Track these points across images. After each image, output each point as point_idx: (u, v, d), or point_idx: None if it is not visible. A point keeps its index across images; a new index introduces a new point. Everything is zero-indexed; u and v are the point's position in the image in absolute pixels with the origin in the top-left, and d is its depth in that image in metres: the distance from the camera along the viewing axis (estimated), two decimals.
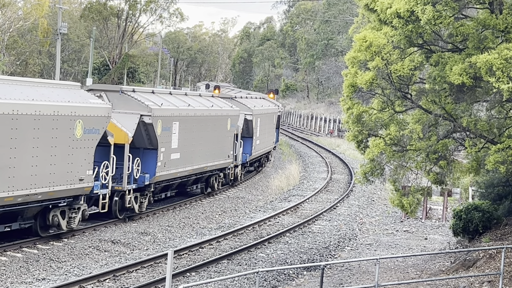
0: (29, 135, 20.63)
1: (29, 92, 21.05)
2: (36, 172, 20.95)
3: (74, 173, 22.66)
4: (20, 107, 20.19)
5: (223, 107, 36.16)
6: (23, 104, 20.33)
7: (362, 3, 18.08)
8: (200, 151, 32.33)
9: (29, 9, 79.15)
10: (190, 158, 31.26)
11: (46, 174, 21.36)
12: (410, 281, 17.97)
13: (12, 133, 19.96)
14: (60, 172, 22.01)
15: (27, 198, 20.75)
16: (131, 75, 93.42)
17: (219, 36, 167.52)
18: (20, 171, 20.37)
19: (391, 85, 17.29)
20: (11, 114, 19.88)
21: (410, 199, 18.64)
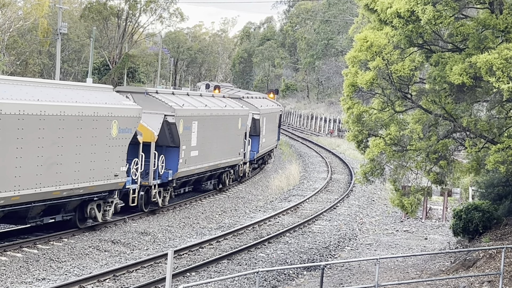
0: (73, 135, 22.55)
1: (72, 95, 23.05)
2: (79, 168, 22.89)
3: (110, 169, 24.56)
4: (66, 109, 22.13)
5: (235, 107, 38.44)
6: (68, 106, 22.26)
7: (362, 3, 18.08)
8: (215, 148, 34.39)
9: (29, 9, 79.14)
10: (207, 155, 33.28)
11: (87, 170, 23.28)
12: (410, 281, 17.97)
13: (59, 132, 21.86)
14: (99, 168, 23.90)
15: (70, 192, 22.69)
16: (131, 75, 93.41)
17: (219, 36, 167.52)
18: (66, 168, 22.24)
19: (391, 85, 17.30)
20: (59, 116, 21.80)
21: (410, 199, 18.64)
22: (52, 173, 21.60)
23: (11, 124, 19.87)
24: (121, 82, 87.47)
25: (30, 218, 22.21)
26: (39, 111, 20.90)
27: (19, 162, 20.30)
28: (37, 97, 21.17)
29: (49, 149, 21.41)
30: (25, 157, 20.54)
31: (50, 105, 21.38)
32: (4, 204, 20.10)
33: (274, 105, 53.86)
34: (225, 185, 37.71)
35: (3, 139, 19.66)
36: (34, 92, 21.38)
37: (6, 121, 19.65)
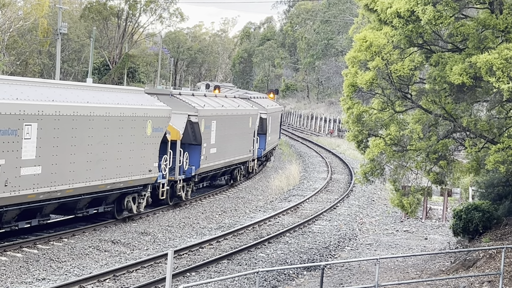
0: (116, 134, 24.99)
1: (114, 98, 25.58)
2: (120, 164, 25.29)
3: (145, 165, 27.02)
4: (110, 110, 24.62)
5: (246, 107, 41.40)
6: (112, 108, 24.75)
7: (362, 3, 18.07)
8: (230, 146, 37.13)
9: (29, 9, 79.11)
10: (223, 152, 36.00)
11: (126, 166, 25.70)
12: (410, 281, 17.97)
13: (104, 132, 24.33)
14: (136, 164, 26.37)
15: (113, 185, 25.11)
16: (131, 75, 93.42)
17: (219, 36, 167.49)
18: (110, 163, 24.69)
19: (391, 85, 17.29)
20: (104, 116, 24.26)
21: (410, 199, 18.64)
22: (99, 168, 24.09)
23: (67, 124, 22.36)
24: (121, 82, 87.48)
25: (78, 209, 24.60)
26: (88, 112, 23.34)
27: (73, 158, 22.76)
28: (86, 99, 23.61)
29: (97, 147, 23.91)
30: (78, 154, 22.98)
31: (97, 107, 23.85)
32: (60, 196, 22.51)
33: (276, 105, 56.86)
34: (236, 181, 40.15)
35: (61, 138, 22.14)
36: (84, 95, 23.80)
37: (63, 122, 22.15)
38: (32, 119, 20.77)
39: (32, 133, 20.83)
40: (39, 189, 21.32)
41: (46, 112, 21.34)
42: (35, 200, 21.56)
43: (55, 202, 22.76)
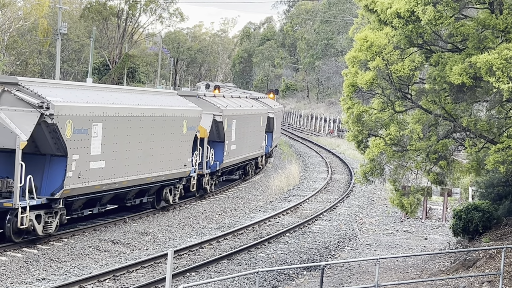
0: (160, 132, 28.18)
1: (157, 100, 28.90)
2: (162, 159, 28.43)
3: (182, 160, 30.24)
4: (156, 111, 27.77)
5: (258, 106, 45.23)
6: (157, 109, 27.94)
7: (362, 4, 18.08)
8: (246, 143, 40.42)
9: (29, 9, 79.14)
10: (241, 149, 39.32)
11: (167, 161, 28.81)
12: (410, 281, 17.98)
13: (151, 130, 27.47)
14: (175, 159, 29.49)
15: (156, 178, 28.17)
16: (131, 75, 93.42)
17: (219, 36, 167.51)
18: (155, 158, 27.80)
19: (391, 85, 17.29)
20: (152, 116, 27.38)
21: (410, 199, 18.63)
22: (147, 163, 27.13)
23: (124, 124, 25.36)
24: (121, 82, 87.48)
25: (127, 199, 27.74)
26: (140, 113, 26.49)
27: (128, 154, 25.85)
28: (137, 102, 26.83)
29: (145, 144, 27.00)
30: (131, 150, 26.10)
31: (146, 108, 27.04)
32: (117, 187, 25.52)
33: (279, 105, 61.05)
34: (247, 175, 43.16)
35: (119, 136, 25.19)
36: (134, 98, 27.12)
37: (121, 122, 25.11)
38: (99, 120, 23.73)
39: (98, 132, 23.85)
40: (103, 181, 24.38)
41: (108, 114, 24.33)
42: (99, 191, 24.55)
43: (112, 192, 25.71)
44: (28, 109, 21.54)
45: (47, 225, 22.45)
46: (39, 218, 22.06)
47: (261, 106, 46.55)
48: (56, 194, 22.25)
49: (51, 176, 22.51)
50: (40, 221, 22.13)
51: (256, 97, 51.72)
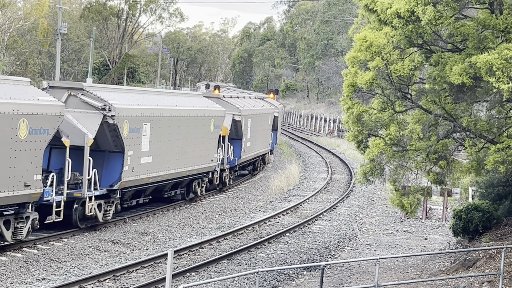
0: (192, 130, 31.24)
1: (189, 101, 32.25)
2: (194, 155, 31.44)
3: (209, 156, 33.32)
4: (190, 112, 31.07)
5: (266, 106, 48.83)
6: (191, 109, 31.21)
7: (361, 4, 18.07)
8: (257, 141, 43.57)
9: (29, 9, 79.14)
10: (254, 146, 42.64)
11: (198, 156, 31.80)
12: (410, 281, 17.98)
13: (186, 129, 30.56)
14: (204, 155, 32.56)
15: (189, 172, 31.24)
16: (131, 75, 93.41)
17: (219, 36, 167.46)
18: (188, 154, 30.86)
19: (391, 85, 17.29)
20: (187, 116, 30.60)
21: (410, 199, 18.63)
22: (182, 158, 30.12)
23: (166, 123, 28.63)
24: (121, 82, 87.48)
25: (164, 191, 30.68)
26: (178, 113, 29.63)
27: (168, 150, 28.99)
28: (175, 103, 30.16)
29: (181, 141, 30.11)
30: (171, 147, 29.18)
31: (183, 109, 30.37)
32: (160, 180, 28.66)
33: (280, 105, 65.21)
34: (256, 170, 46.21)
35: (162, 134, 28.22)
36: (172, 100, 30.46)
37: (164, 122, 28.36)
38: (147, 120, 27.00)
39: (147, 131, 27.05)
40: (150, 174, 27.64)
41: (155, 114, 27.65)
42: (146, 183, 27.72)
43: (155, 184, 28.79)
44: (92, 111, 24.57)
45: (106, 213, 25.57)
46: (99, 207, 25.11)
47: (269, 106, 50.17)
48: (114, 185, 25.56)
49: (110, 170, 25.68)
50: (101, 209, 25.21)
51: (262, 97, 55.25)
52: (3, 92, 20.10)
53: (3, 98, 19.86)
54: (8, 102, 19.96)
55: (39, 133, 21.13)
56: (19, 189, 20.52)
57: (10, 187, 20.19)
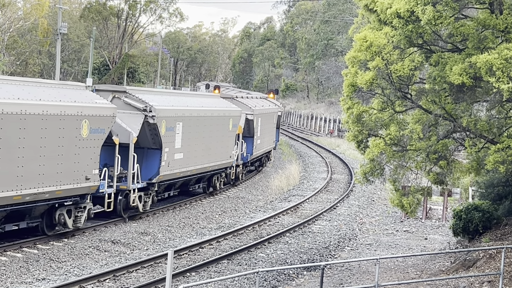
0: (214, 129, 33.74)
1: (211, 101, 35.04)
2: (216, 151, 34.13)
3: (228, 152, 35.96)
4: (213, 112, 33.74)
5: (272, 106, 51.58)
6: (214, 109, 33.98)
7: (361, 4, 18.07)
8: (265, 138, 46.39)
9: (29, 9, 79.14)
10: (262, 143, 45.43)
11: (219, 153, 34.44)
12: (410, 281, 17.97)
13: (210, 128, 32.99)
14: (223, 152, 35.21)
15: (211, 167, 34.15)
16: (131, 75, 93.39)
17: (219, 36, 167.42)
18: (211, 151, 33.40)
19: (391, 85, 17.29)
20: (210, 116, 33.15)
21: (410, 199, 18.63)
22: (206, 155, 32.75)
23: (195, 122, 31.44)
24: (121, 82, 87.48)
25: (190, 185, 33.32)
26: (203, 113, 32.50)
27: (197, 147, 31.86)
28: (201, 104, 32.99)
29: (206, 139, 32.65)
30: (199, 144, 31.99)
31: (207, 109, 33.10)
32: (188, 174, 31.38)
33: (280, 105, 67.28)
34: (262, 166, 48.78)
35: (192, 132, 31.00)
36: (196, 101, 33.35)
37: (193, 121, 31.30)
38: (180, 119, 29.62)
39: (180, 129, 29.64)
40: (181, 169, 30.26)
41: (185, 114, 30.31)
42: (178, 177, 30.43)
43: (184, 179, 31.37)
44: (134, 112, 27.21)
45: (145, 204, 28.19)
46: (140, 198, 27.70)
47: (274, 106, 53.26)
48: (153, 179, 28.22)
49: (149, 165, 28.26)
50: (141, 201, 27.83)
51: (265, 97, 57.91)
52: (69, 96, 22.76)
53: (70, 102, 22.52)
54: (74, 105, 22.64)
55: (97, 132, 23.87)
56: (81, 182, 23.20)
57: (74, 180, 22.86)
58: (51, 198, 22.13)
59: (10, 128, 19.97)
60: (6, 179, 19.97)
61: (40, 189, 21.21)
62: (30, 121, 20.71)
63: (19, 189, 20.45)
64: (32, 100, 20.96)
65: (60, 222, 23.14)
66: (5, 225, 21.42)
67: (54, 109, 21.69)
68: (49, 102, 21.65)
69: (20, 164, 20.44)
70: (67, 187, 22.45)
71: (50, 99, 21.82)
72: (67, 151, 22.37)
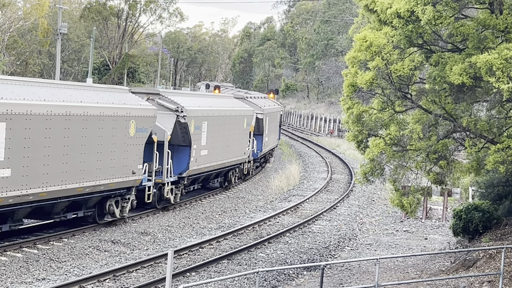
0: (232, 127, 36.76)
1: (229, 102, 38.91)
2: (233, 148, 37.21)
3: (243, 149, 39.37)
4: (232, 112, 37.11)
5: (276, 106, 55.30)
6: (233, 109, 37.60)
7: (362, 4, 18.07)
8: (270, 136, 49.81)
9: (29, 9, 79.11)
10: (269, 141, 49.11)
11: (236, 150, 37.85)
12: (410, 281, 17.98)
13: (229, 126, 36.30)
14: (239, 148, 38.56)
15: (230, 163, 37.01)
16: (131, 75, 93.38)
17: (219, 36, 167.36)
18: (230, 148, 36.52)
19: (391, 85, 17.29)
20: (229, 116, 36.38)
21: (410, 199, 18.62)
22: (225, 151, 35.91)
23: (217, 122, 34.47)
24: (121, 82, 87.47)
25: (210, 180, 36.55)
26: (223, 113, 35.53)
27: (218, 144, 34.61)
28: (221, 105, 36.52)
29: (226, 137, 35.85)
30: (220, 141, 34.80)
31: (228, 109, 36.57)
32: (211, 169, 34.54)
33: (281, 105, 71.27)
34: (268, 162, 51.59)
35: (215, 131, 33.83)
36: (215, 102, 36.34)
37: (216, 121, 34.21)
38: (205, 119, 32.60)
39: (205, 128, 32.53)
40: (206, 164, 33.18)
41: (210, 114, 33.29)
42: (202, 172, 33.24)
43: (207, 173, 34.27)
44: (167, 112, 29.80)
45: (175, 196, 30.88)
46: (171, 191, 30.29)
47: (278, 105, 56.71)
48: (183, 173, 31.02)
49: (179, 160, 30.93)
50: (172, 193, 30.45)
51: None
52: (118, 99, 25.64)
53: (120, 104, 25.39)
54: (124, 107, 25.51)
55: (142, 131, 26.65)
56: (129, 175, 25.92)
57: (123, 174, 25.56)
58: (105, 190, 24.79)
59: (75, 128, 22.60)
60: (72, 174, 22.60)
61: (97, 181, 23.93)
62: (91, 121, 23.42)
63: (81, 181, 23.11)
64: (91, 103, 23.56)
65: (110, 212, 25.77)
66: (66, 214, 23.95)
67: (108, 111, 24.42)
68: (105, 105, 24.36)
69: (82, 160, 23.11)
70: (118, 180, 25.19)
71: (105, 102, 24.55)
72: (118, 148, 25.12)
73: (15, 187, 20.12)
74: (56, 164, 21.74)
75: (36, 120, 20.70)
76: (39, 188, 21.05)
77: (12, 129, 19.81)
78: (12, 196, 20.06)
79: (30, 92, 21.16)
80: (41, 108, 20.94)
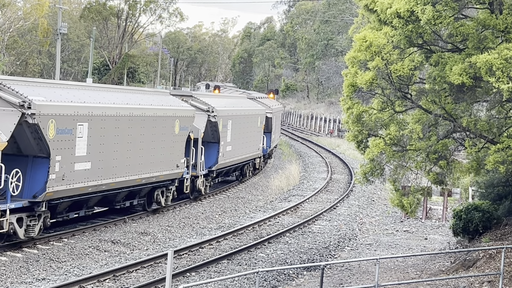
0: (249, 125, 40.48)
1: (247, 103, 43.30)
2: (251, 144, 41.09)
3: (256, 146, 42.92)
4: (249, 111, 41.12)
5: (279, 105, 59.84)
6: (250, 109, 41.67)
7: (361, 4, 18.07)
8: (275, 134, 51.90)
9: (29, 9, 79.12)
10: (275, 138, 52.13)
11: (252, 146, 41.50)
12: (410, 281, 17.97)
13: (247, 124, 39.79)
14: (254, 145, 42.08)
15: (248, 157, 41.02)
16: (131, 75, 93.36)
17: (219, 36, 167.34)
18: (248, 145, 40.32)
19: (391, 85, 17.29)
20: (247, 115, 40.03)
21: (410, 199, 18.62)
22: (244, 148, 39.17)
23: (239, 120, 37.78)
24: (121, 82, 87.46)
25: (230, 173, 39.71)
26: (244, 113, 39.32)
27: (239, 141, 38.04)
28: (240, 105, 40.47)
29: (245, 134, 39.13)
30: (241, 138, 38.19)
31: (247, 109, 40.76)
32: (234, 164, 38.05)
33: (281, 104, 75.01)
34: (270, 158, 53.34)
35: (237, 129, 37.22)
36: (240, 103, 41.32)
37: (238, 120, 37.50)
38: (231, 118, 36.14)
39: (230, 126, 36.05)
40: (231, 159, 36.77)
41: (234, 114, 36.84)
42: (228, 166, 36.68)
43: (230, 167, 37.67)
44: (199, 112, 32.58)
45: (206, 188, 33.95)
46: (202, 183, 33.18)
47: (280, 105, 61.91)
48: (212, 167, 34.33)
49: (209, 156, 34.01)
50: (203, 185, 33.34)
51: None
52: (166, 102, 29.47)
53: (167, 106, 29.03)
54: (170, 108, 29.12)
55: (184, 129, 30.02)
56: (174, 169, 29.46)
57: (170, 167, 29.05)
58: (156, 181, 28.29)
59: (135, 127, 26.20)
60: (133, 167, 26.11)
61: (151, 174, 27.48)
62: (147, 121, 27.10)
63: (140, 173, 26.74)
64: (147, 106, 27.30)
65: (157, 200, 29.13)
66: (125, 202, 27.44)
67: (160, 112, 28.12)
68: (157, 107, 28.10)
69: (140, 154, 26.69)
70: (166, 173, 28.76)
71: (157, 104, 28.24)
72: (167, 144, 28.65)
73: (93, 178, 23.73)
74: (122, 158, 25.42)
75: (109, 121, 24.42)
76: (110, 179, 24.73)
77: (92, 129, 23.37)
78: (91, 185, 23.69)
79: (102, 96, 24.87)
80: (112, 110, 24.66)
